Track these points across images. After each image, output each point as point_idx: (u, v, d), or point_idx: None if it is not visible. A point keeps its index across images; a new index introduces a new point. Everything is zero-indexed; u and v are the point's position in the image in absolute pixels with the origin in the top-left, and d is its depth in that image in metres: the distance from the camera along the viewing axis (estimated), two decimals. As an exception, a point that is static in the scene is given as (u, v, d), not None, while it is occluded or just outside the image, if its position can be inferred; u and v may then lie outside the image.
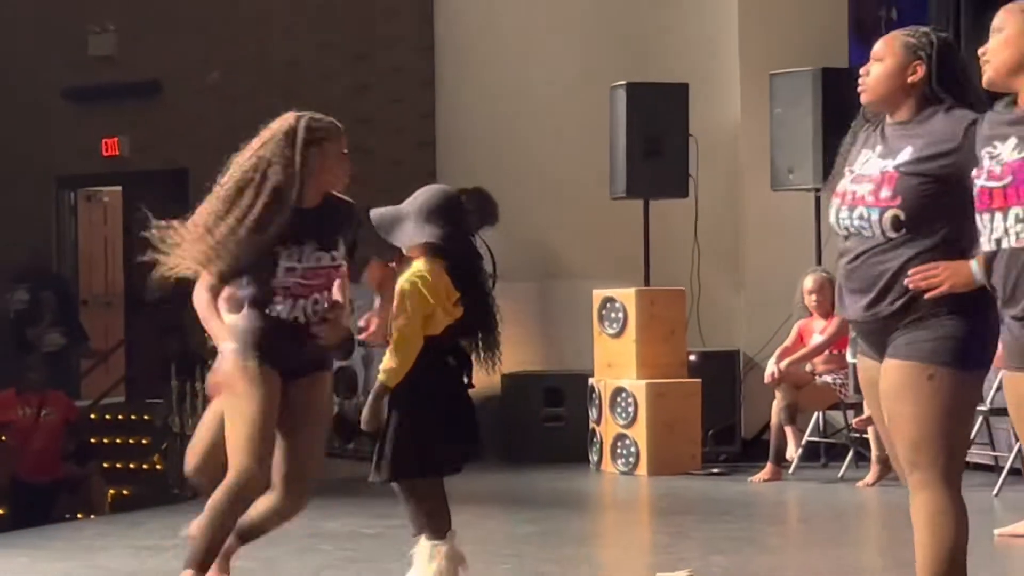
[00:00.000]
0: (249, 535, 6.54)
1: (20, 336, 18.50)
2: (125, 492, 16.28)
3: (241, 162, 6.35)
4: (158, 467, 16.51)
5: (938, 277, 5.16)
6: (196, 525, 6.29)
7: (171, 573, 7.50)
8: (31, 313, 18.76)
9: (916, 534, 5.26)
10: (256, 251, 6.20)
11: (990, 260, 4.86)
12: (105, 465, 16.36)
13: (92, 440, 16.45)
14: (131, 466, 16.85)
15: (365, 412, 6.34)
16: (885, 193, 5.26)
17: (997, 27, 4.92)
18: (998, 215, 4.72)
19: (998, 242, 4.75)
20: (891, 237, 5.27)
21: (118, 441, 17.23)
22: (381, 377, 6.32)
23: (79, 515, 14.58)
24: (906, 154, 5.28)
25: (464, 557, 6.46)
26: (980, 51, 4.94)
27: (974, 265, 5.14)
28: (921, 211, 5.23)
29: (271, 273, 6.24)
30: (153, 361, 17.74)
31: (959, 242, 5.20)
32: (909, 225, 5.24)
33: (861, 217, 5.31)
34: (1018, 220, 4.68)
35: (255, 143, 6.41)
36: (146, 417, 17.31)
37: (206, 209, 6.29)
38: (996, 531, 7.97)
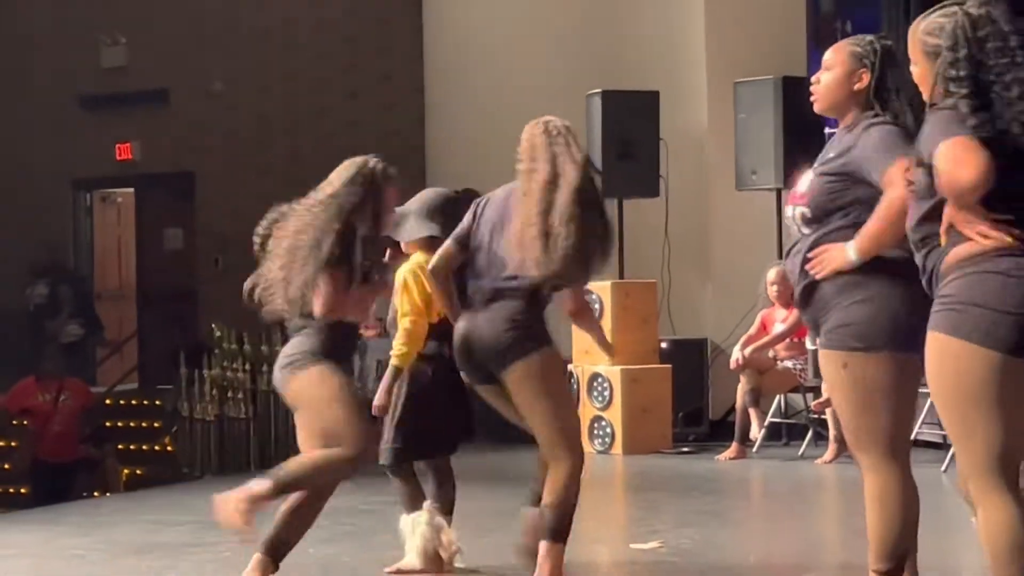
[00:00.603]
0: None
1: (40, 328, 18.49)
2: (138, 472, 16.27)
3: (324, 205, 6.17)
4: (169, 449, 16.51)
5: (822, 259, 5.16)
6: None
7: (181, 546, 7.53)
8: (50, 306, 18.75)
9: (867, 511, 5.24)
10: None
11: None
12: (119, 447, 16.35)
13: (107, 424, 16.44)
14: (143, 448, 16.83)
15: (379, 395, 6.40)
16: (800, 191, 5.33)
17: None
18: None
19: None
20: (805, 232, 5.30)
21: (131, 425, 17.22)
22: (394, 361, 6.38)
23: (95, 493, 14.58)
24: (826, 157, 5.34)
25: (444, 523, 6.49)
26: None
27: (849, 246, 5.11)
28: (824, 205, 5.24)
29: None
30: (164, 350, 17.73)
31: (858, 225, 5.18)
32: (813, 219, 5.26)
33: (789, 215, 5.39)
34: None
35: (335, 181, 6.23)
36: (157, 402, 17.30)
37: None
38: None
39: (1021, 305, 4.38)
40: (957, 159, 4.39)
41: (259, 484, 5.86)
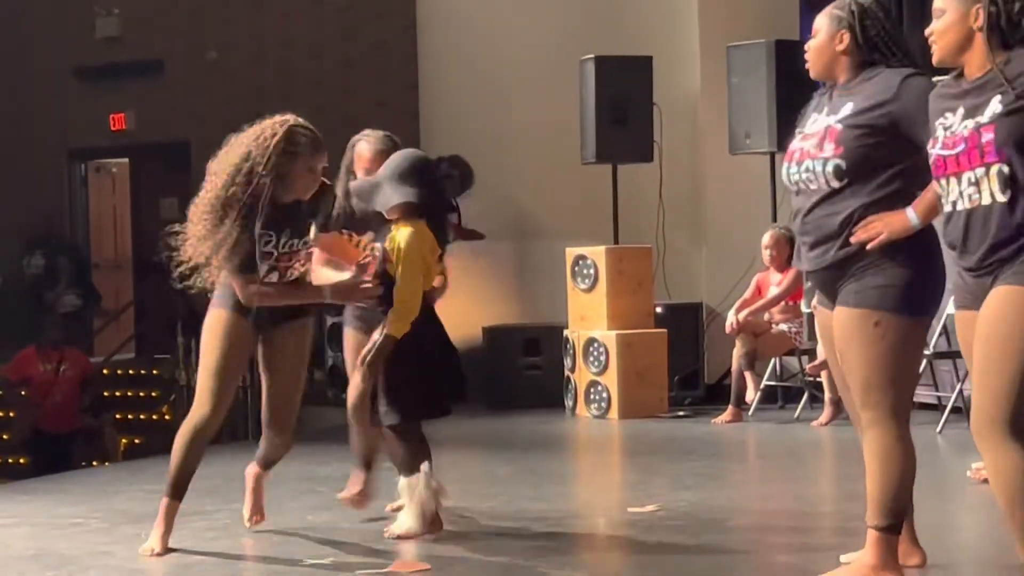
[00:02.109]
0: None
1: (37, 298, 18.47)
2: (136, 441, 16.26)
3: (231, 159, 6.31)
4: (166, 417, 16.50)
5: (876, 228, 5.19)
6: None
7: (179, 515, 7.50)
8: (47, 277, 18.74)
9: (867, 468, 5.28)
10: (247, 246, 6.29)
11: (947, 220, 4.87)
12: (117, 416, 16.35)
13: (105, 394, 16.43)
14: (141, 417, 16.83)
15: (371, 357, 6.38)
16: (828, 146, 5.31)
17: (938, 9, 4.93)
18: (952, 180, 4.74)
19: (954, 204, 4.78)
20: (835, 187, 5.30)
21: (129, 394, 17.21)
22: (389, 330, 6.35)
23: (94, 463, 14.57)
24: (847, 109, 5.33)
25: (443, 487, 6.48)
26: (927, 31, 4.95)
27: (910, 212, 5.17)
28: (862, 160, 5.26)
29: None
30: (160, 319, 17.72)
31: (905, 192, 5.21)
32: (850, 174, 5.27)
33: (808, 170, 5.35)
34: (970, 183, 4.70)
35: (245, 139, 6.37)
36: (155, 372, 17.30)
37: (202, 209, 6.27)
38: (968, 473, 7.94)
39: None
40: None
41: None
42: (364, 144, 7.20)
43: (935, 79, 5.03)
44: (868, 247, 5.20)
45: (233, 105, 17.70)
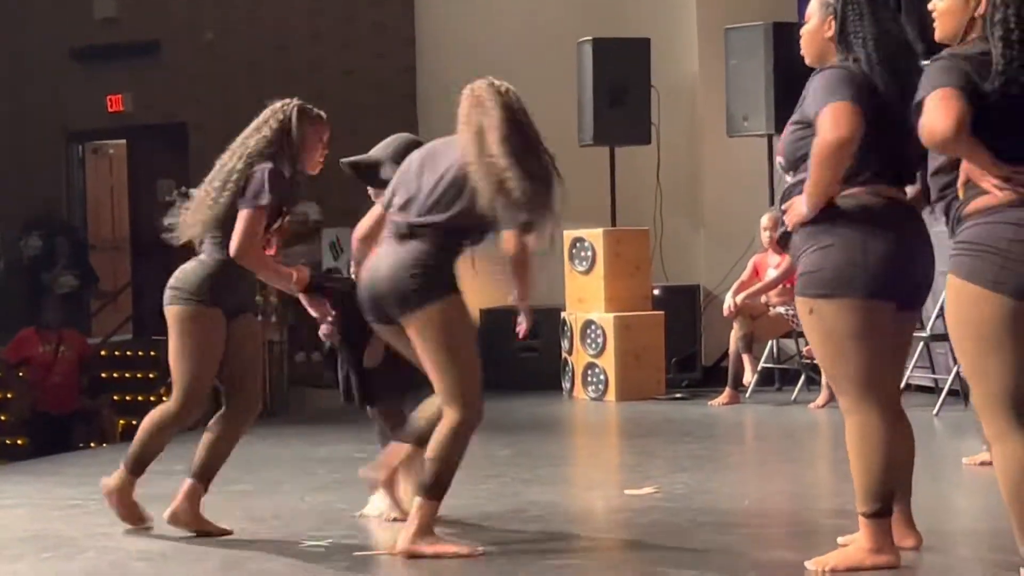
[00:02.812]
0: None
1: (35, 280, 18.47)
2: (134, 422, 16.20)
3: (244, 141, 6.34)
4: (164, 399, 16.49)
5: (790, 212, 5.28)
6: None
7: (176, 496, 7.53)
8: (45, 258, 18.73)
9: (849, 455, 5.31)
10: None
11: None
12: (115, 398, 16.36)
13: (103, 375, 16.44)
14: (139, 398, 16.83)
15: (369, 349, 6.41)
16: (779, 142, 5.42)
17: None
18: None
19: None
20: (787, 180, 5.40)
21: (127, 375, 17.22)
22: None
23: (92, 444, 14.58)
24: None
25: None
26: (929, 6, 4.95)
27: (800, 198, 5.22)
28: (794, 153, 5.34)
29: None
30: (158, 301, 17.65)
31: (852, 175, 5.25)
32: (788, 167, 5.38)
33: (779, 163, 5.49)
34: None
35: (258, 123, 6.40)
36: (152, 353, 17.28)
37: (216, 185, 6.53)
38: (964, 460, 7.98)
39: None
40: (935, 109, 4.50)
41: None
42: None
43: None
44: (788, 229, 5.29)
45: (230, 87, 17.71)
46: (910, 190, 5.35)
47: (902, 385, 5.81)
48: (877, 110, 5.15)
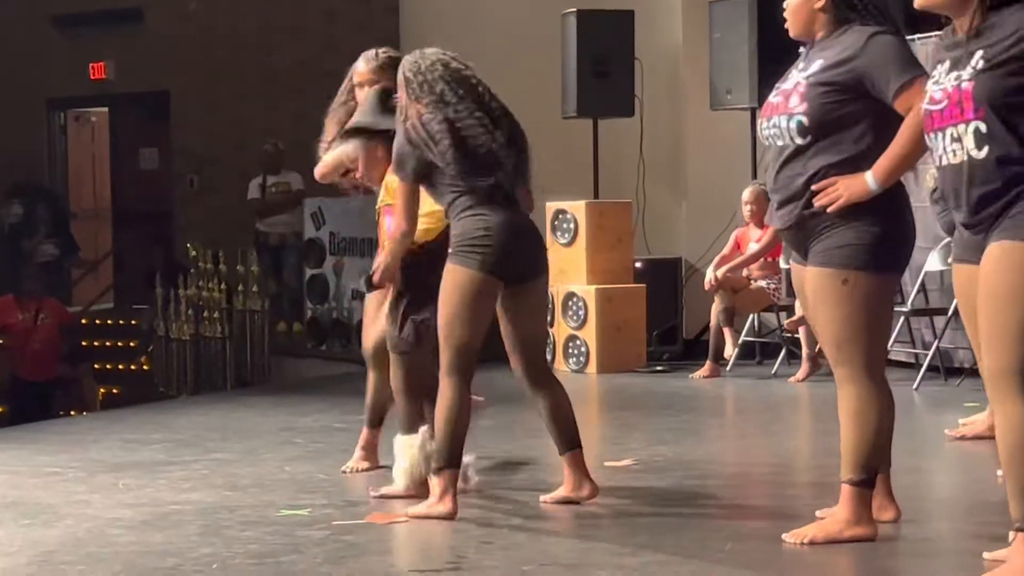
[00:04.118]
0: None
1: (16, 247, 18.44)
2: (114, 391, 16.27)
3: None
4: (145, 368, 16.50)
5: (837, 191, 5.22)
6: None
7: (156, 464, 7.54)
8: (26, 226, 18.69)
9: (841, 423, 5.32)
10: None
11: (939, 175, 4.87)
12: (96, 366, 16.35)
13: (83, 343, 16.43)
14: (120, 367, 16.83)
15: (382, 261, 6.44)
16: (794, 101, 5.33)
17: None
18: (939, 135, 4.72)
19: (940, 159, 4.76)
20: (799, 144, 5.32)
21: (107, 344, 17.21)
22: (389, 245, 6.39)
23: (72, 412, 14.57)
24: (816, 66, 5.35)
25: (434, 452, 6.47)
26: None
27: (869, 177, 5.20)
28: (825, 117, 5.28)
29: None
30: (139, 270, 17.72)
31: (873, 152, 5.22)
32: (813, 131, 5.29)
33: (775, 125, 5.38)
34: (952, 139, 4.68)
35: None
36: (133, 322, 17.29)
37: None
38: (946, 431, 8.00)
39: None
40: None
41: None
42: (361, 62, 7.12)
43: (924, 36, 5.02)
44: (828, 211, 5.24)
45: (213, 55, 17.68)
46: None
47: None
48: None
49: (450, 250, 6.02)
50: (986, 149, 4.58)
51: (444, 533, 5.82)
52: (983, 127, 4.58)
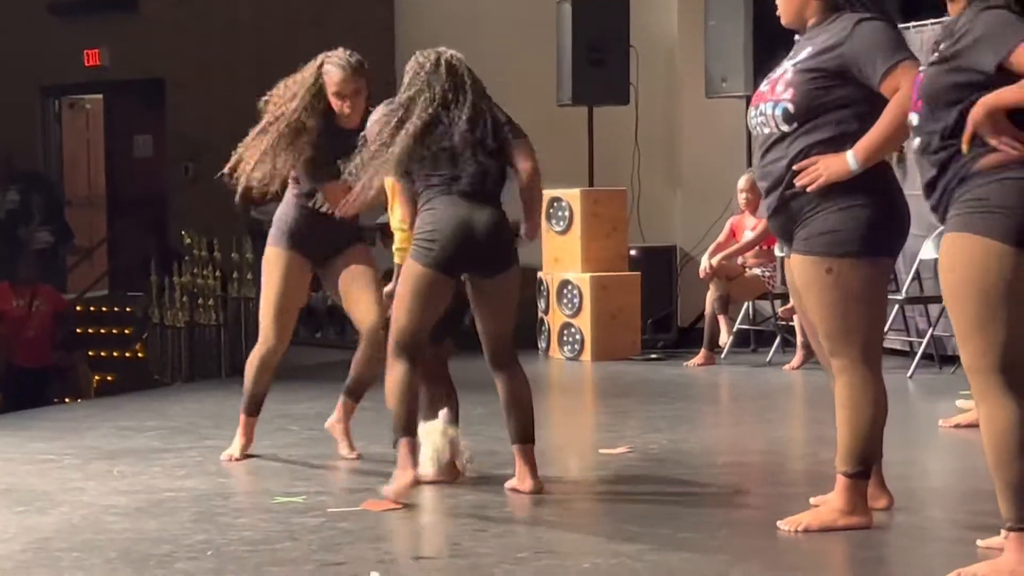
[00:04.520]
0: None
1: (11, 234, 18.42)
2: (109, 378, 16.27)
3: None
4: (139, 355, 16.51)
5: (817, 170, 5.20)
6: None
7: (151, 451, 7.55)
8: (21, 213, 18.68)
9: (837, 414, 5.32)
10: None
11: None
12: (90, 353, 16.34)
13: (78, 330, 16.41)
14: (114, 354, 16.83)
15: (389, 289, 6.44)
16: (780, 88, 5.33)
17: None
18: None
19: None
20: (784, 131, 5.32)
21: (102, 331, 17.20)
22: (397, 259, 6.39)
23: (67, 399, 14.57)
24: (804, 53, 5.36)
25: (458, 434, 6.48)
26: None
27: (849, 155, 5.19)
28: (811, 103, 5.28)
29: None
30: (134, 257, 17.71)
31: (854, 135, 5.22)
32: (799, 117, 5.28)
33: (761, 113, 5.37)
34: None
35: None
36: (128, 309, 17.28)
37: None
38: (940, 421, 8.01)
39: None
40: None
41: None
42: (333, 67, 7.09)
43: (919, 24, 5.03)
44: (808, 190, 5.22)
45: (207, 42, 17.65)
46: None
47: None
48: None
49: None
50: (917, 140, 4.63)
51: (438, 520, 5.83)
52: (915, 119, 4.63)
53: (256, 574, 4.96)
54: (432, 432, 6.42)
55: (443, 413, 6.45)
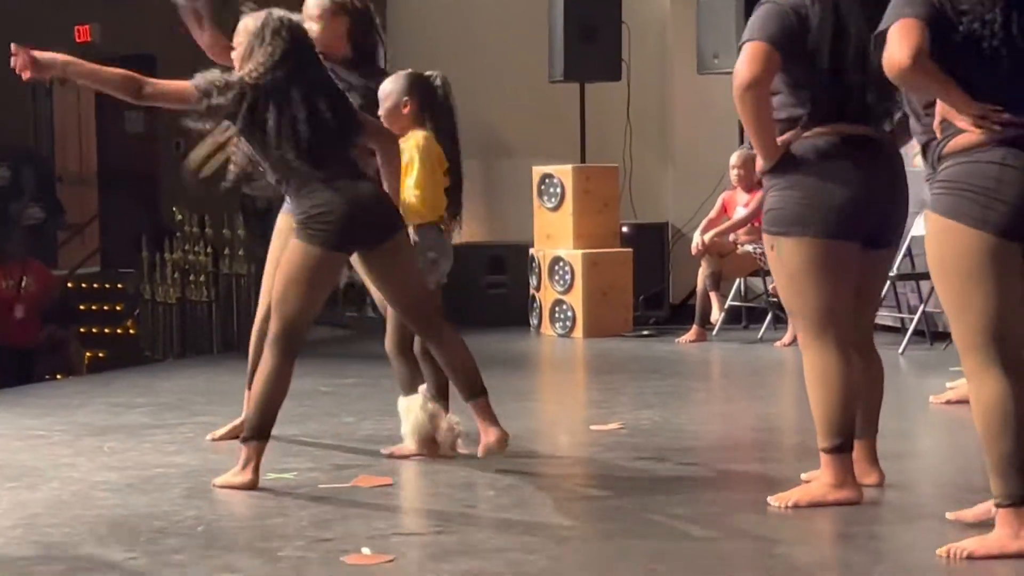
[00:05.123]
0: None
1: (2, 211, 18.40)
2: (100, 355, 16.25)
3: None
4: (131, 331, 16.50)
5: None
6: None
7: (141, 427, 7.55)
8: (12, 189, 18.64)
9: (808, 391, 5.38)
10: None
11: None
12: (81, 330, 16.31)
13: (69, 307, 16.39)
14: (106, 331, 16.81)
15: (423, 268, 6.39)
16: None
17: None
18: None
19: None
20: None
21: (93, 308, 17.18)
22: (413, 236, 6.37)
23: (58, 376, 14.56)
24: None
25: (439, 409, 6.48)
26: None
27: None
28: None
29: None
30: (125, 233, 17.68)
31: (800, 120, 5.30)
32: None
33: None
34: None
35: None
36: (119, 286, 17.27)
37: None
38: (931, 398, 8.02)
39: (1013, 194, 4.46)
40: (894, 41, 4.48)
41: None
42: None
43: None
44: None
45: (199, 18, 17.57)
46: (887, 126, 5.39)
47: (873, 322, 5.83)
48: (813, 46, 5.22)
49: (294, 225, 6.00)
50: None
51: (429, 497, 5.83)
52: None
53: (246, 550, 4.96)
54: (412, 407, 6.43)
55: (422, 388, 6.45)
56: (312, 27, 6.46)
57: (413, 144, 6.51)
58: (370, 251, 6.04)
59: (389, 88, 6.61)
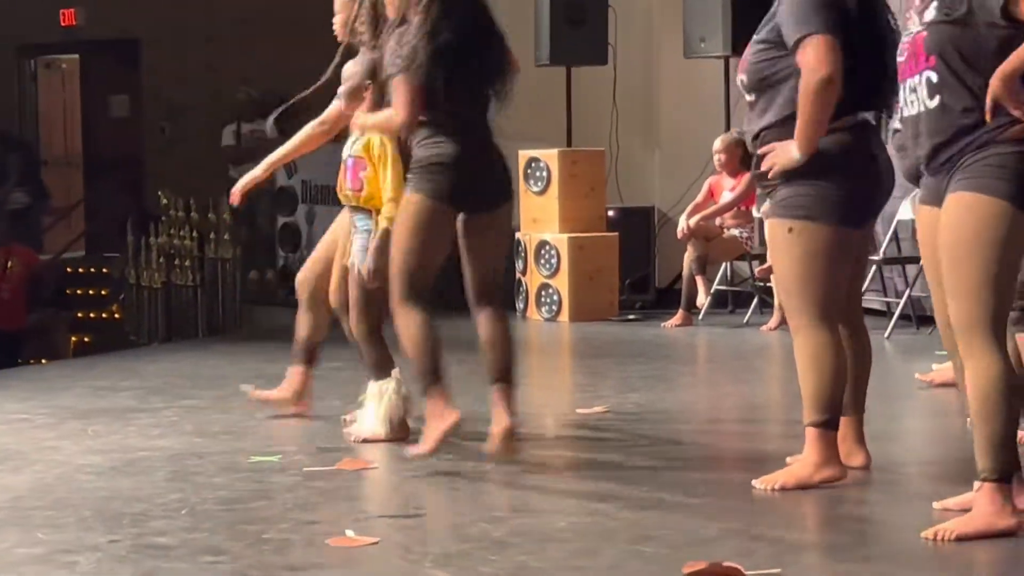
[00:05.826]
0: None
1: (-14, 195, 18.34)
2: (86, 339, 16.22)
3: None
4: (116, 316, 16.46)
5: (771, 159, 5.33)
6: None
7: (126, 410, 7.53)
8: (-2, 172, 18.59)
9: (798, 370, 5.40)
10: None
11: (902, 125, 4.89)
12: (67, 314, 16.28)
13: (55, 291, 16.35)
14: (91, 315, 16.78)
15: (373, 260, 6.31)
16: (742, 59, 5.43)
17: None
18: (904, 86, 4.75)
19: (902, 110, 4.79)
20: (749, 100, 5.45)
21: (79, 292, 17.14)
22: (384, 224, 6.32)
23: (43, 360, 14.52)
24: (764, 21, 5.39)
25: (412, 393, 6.47)
26: None
27: (793, 145, 5.25)
28: (756, 75, 5.38)
29: None
30: (110, 217, 17.64)
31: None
32: (753, 88, 5.40)
33: (740, 81, 5.48)
34: (911, 90, 4.70)
35: None
36: (104, 270, 17.23)
37: None
38: (916, 375, 8.03)
39: None
40: None
41: None
42: None
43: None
44: (770, 176, 5.33)
45: (183, 2, 17.55)
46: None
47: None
48: (848, 32, 5.19)
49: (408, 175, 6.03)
50: (937, 98, 4.59)
51: (414, 480, 5.81)
52: (934, 76, 4.59)
53: (231, 533, 4.95)
54: (385, 392, 6.41)
55: (395, 372, 6.44)
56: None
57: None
58: (477, 215, 6.12)
59: (353, 69, 6.58)
